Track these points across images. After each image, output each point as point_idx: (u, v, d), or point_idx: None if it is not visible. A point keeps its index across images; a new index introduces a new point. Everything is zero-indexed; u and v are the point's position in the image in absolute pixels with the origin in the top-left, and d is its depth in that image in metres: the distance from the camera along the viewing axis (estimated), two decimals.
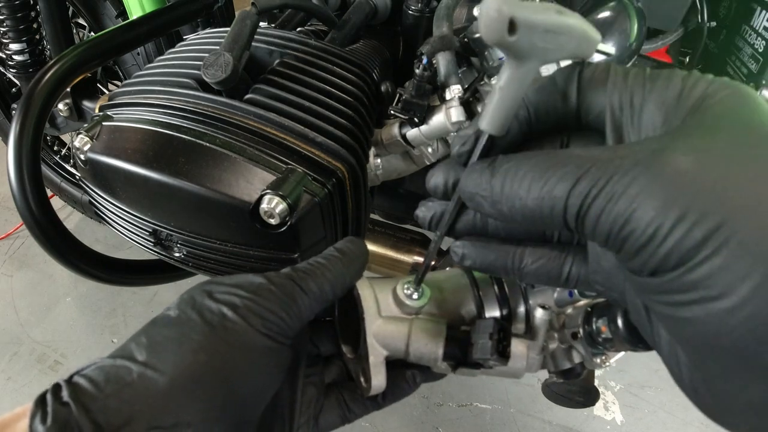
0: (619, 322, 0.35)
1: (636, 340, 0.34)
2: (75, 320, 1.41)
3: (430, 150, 0.72)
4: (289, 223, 0.50)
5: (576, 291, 0.41)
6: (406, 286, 0.42)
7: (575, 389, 0.49)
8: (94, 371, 0.33)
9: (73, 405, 0.31)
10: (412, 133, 0.68)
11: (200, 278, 0.84)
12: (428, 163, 0.75)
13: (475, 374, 0.42)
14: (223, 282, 0.38)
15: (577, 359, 0.43)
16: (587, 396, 0.49)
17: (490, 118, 0.30)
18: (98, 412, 0.31)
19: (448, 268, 0.50)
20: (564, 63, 0.34)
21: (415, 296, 0.42)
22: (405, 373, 0.45)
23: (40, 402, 0.31)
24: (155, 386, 0.32)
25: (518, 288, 0.44)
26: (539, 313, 0.41)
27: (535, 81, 0.30)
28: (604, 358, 0.41)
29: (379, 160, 0.75)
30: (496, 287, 0.44)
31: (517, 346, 0.41)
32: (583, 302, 0.41)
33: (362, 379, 0.43)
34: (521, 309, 0.44)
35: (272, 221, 0.50)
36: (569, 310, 0.42)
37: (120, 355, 0.34)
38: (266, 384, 0.37)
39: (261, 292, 0.37)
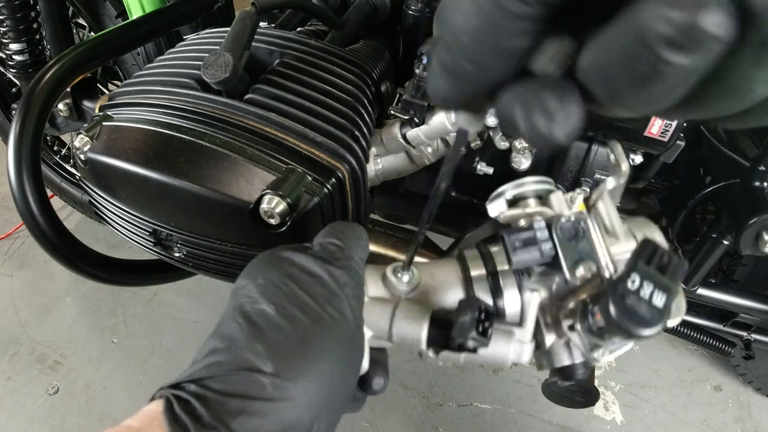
0: (611, 308, 0.33)
1: (628, 324, 0.33)
2: (75, 320, 1.41)
3: (430, 150, 0.72)
4: (289, 223, 0.50)
5: (566, 275, 0.39)
6: (396, 269, 0.42)
7: (575, 389, 0.49)
8: (220, 384, 0.32)
9: (219, 426, 0.30)
10: (412, 133, 0.68)
11: (201, 278, 0.84)
12: (428, 163, 0.74)
13: (460, 360, 0.40)
14: (298, 265, 0.38)
15: (576, 358, 0.42)
16: (587, 396, 0.49)
17: (470, 119, 0.29)
18: (242, 431, 0.30)
19: (444, 258, 0.50)
20: None
21: (404, 279, 0.42)
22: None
23: (174, 421, 0.30)
24: (292, 397, 0.32)
25: (514, 279, 0.43)
26: (527, 296, 0.40)
27: None
28: (602, 351, 0.39)
29: (379, 160, 0.75)
30: (489, 278, 0.43)
31: (501, 330, 0.40)
32: (582, 295, 0.40)
33: None
34: (516, 301, 0.43)
35: (272, 221, 0.50)
36: (570, 305, 0.40)
37: (240, 366, 0.33)
38: (360, 370, 0.39)
39: (347, 282, 0.38)
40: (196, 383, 0.32)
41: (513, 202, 0.48)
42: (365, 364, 0.41)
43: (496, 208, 0.47)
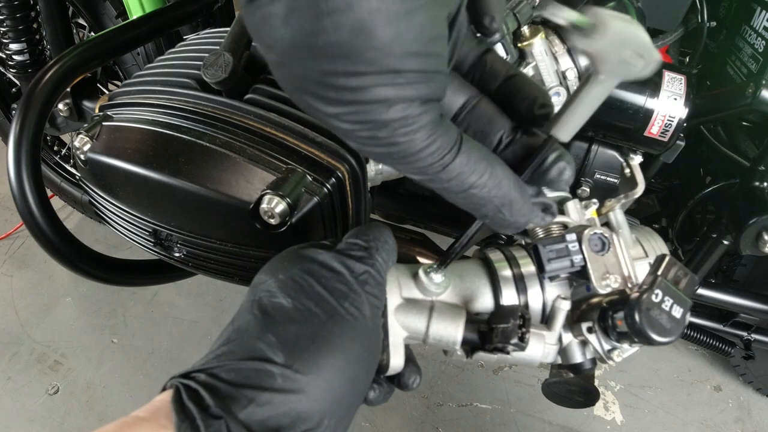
0: (636, 316, 0.36)
1: (652, 333, 0.36)
2: (75, 320, 1.41)
3: None
4: (289, 223, 0.50)
5: (594, 285, 0.42)
6: (428, 270, 0.43)
7: (575, 389, 0.49)
8: (230, 373, 0.32)
9: (225, 416, 0.30)
10: None
11: (201, 278, 0.83)
12: None
13: (492, 360, 0.42)
14: (318, 261, 0.38)
15: (588, 355, 0.44)
16: (587, 396, 0.49)
17: (564, 125, 0.34)
18: (250, 420, 0.30)
19: (468, 259, 0.51)
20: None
21: (437, 280, 0.43)
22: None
23: (181, 410, 0.30)
24: (302, 389, 0.32)
25: (537, 280, 0.45)
26: (558, 303, 0.42)
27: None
28: (618, 353, 0.42)
29: None
30: (514, 279, 0.45)
31: (535, 334, 0.42)
32: (598, 298, 0.42)
33: (381, 358, 0.43)
34: (539, 300, 0.45)
35: (272, 221, 0.50)
36: (584, 306, 0.43)
37: (250, 355, 0.33)
38: (375, 369, 0.39)
39: (367, 279, 0.38)
40: (206, 372, 0.32)
41: None
42: (401, 363, 0.42)
43: None
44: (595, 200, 0.50)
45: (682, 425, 1.26)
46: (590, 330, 0.41)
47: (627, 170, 0.54)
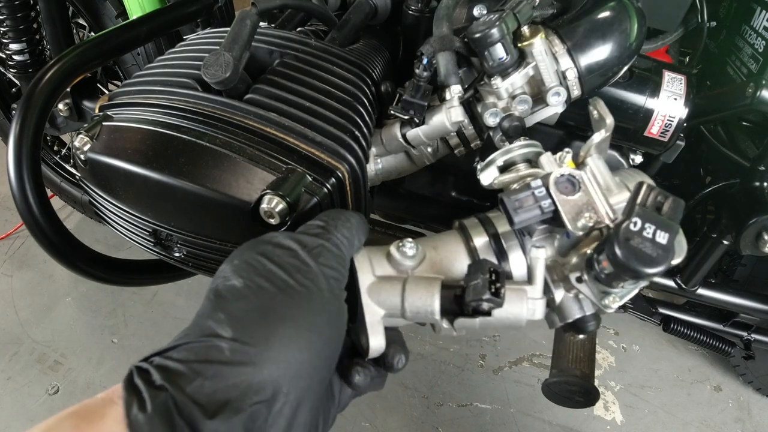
0: (617, 249, 0.34)
1: (636, 264, 0.34)
2: (75, 320, 1.41)
3: (429, 150, 0.72)
4: (289, 223, 0.50)
5: (569, 227, 0.40)
6: (400, 244, 0.42)
7: (575, 389, 0.49)
8: (181, 352, 0.33)
9: (171, 388, 0.30)
10: (412, 133, 0.68)
11: (201, 278, 0.84)
12: (428, 163, 0.74)
13: (475, 326, 0.40)
14: (272, 242, 0.38)
15: (587, 310, 0.42)
16: (587, 396, 0.49)
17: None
18: (198, 393, 0.31)
19: (444, 232, 0.49)
20: None
21: (409, 253, 0.42)
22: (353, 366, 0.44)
23: (130, 387, 0.31)
24: (251, 361, 0.32)
25: (516, 241, 0.43)
26: (534, 253, 0.40)
27: None
28: (612, 298, 0.40)
29: (379, 160, 0.75)
30: (490, 240, 0.44)
31: (513, 290, 0.40)
32: (584, 248, 0.40)
33: (362, 342, 0.43)
34: (522, 265, 0.43)
35: (272, 221, 0.50)
36: (574, 260, 0.41)
37: (201, 334, 0.33)
38: (339, 342, 0.38)
39: (321, 252, 0.38)
40: (160, 355, 0.33)
41: (504, 169, 0.48)
42: (382, 344, 0.41)
43: (488, 176, 0.48)
44: (568, 149, 0.47)
45: (682, 425, 1.26)
46: (579, 280, 0.40)
47: (594, 112, 0.51)
